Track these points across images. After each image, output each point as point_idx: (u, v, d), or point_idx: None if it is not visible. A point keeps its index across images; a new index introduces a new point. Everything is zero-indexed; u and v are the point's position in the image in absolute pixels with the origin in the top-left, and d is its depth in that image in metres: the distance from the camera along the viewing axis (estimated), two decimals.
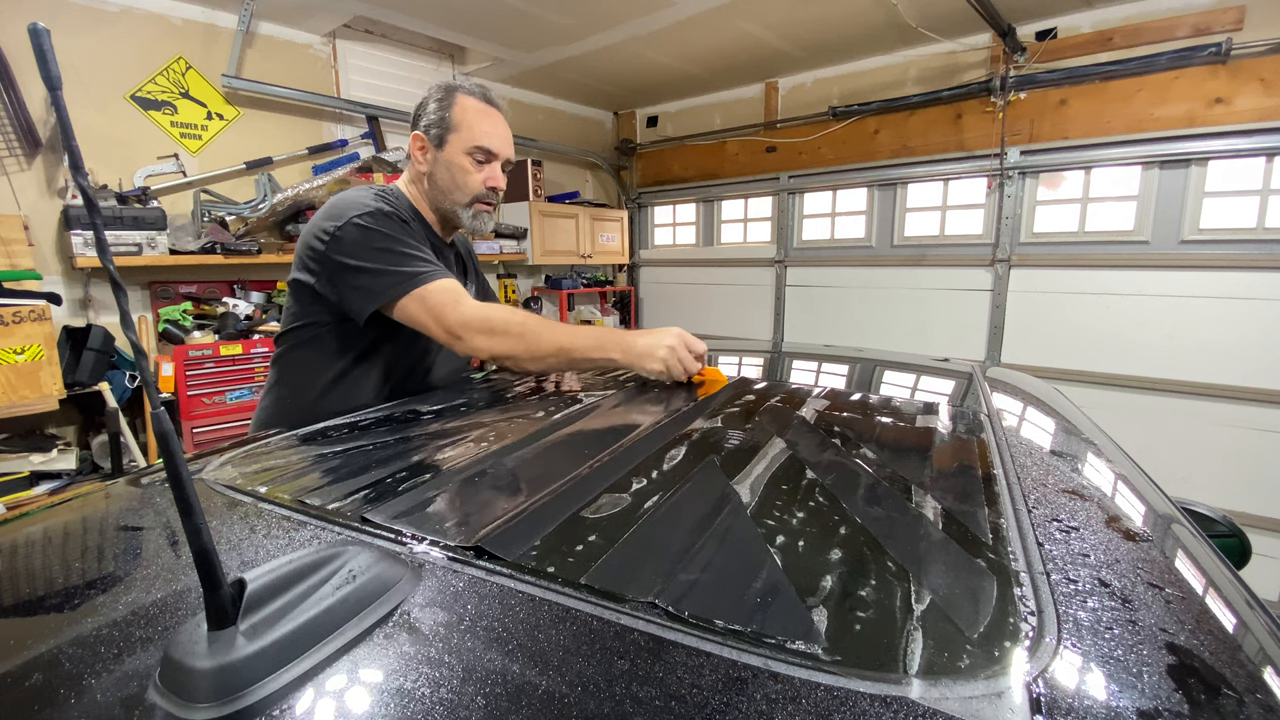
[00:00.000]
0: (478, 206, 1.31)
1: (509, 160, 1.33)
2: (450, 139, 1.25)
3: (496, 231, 4.10)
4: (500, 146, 1.30)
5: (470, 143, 1.25)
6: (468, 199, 1.29)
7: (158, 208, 2.70)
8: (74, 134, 0.33)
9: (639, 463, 0.69)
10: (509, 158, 1.33)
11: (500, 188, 1.32)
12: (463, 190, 1.28)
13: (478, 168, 1.27)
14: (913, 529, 0.54)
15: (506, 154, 1.31)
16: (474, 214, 1.31)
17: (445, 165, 1.27)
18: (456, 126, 1.25)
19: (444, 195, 1.30)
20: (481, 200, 1.30)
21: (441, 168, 1.27)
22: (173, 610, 0.43)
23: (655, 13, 3.17)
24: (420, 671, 0.36)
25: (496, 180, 1.31)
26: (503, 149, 1.30)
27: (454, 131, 1.25)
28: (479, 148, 1.26)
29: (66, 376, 2.35)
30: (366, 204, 1.17)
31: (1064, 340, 3.41)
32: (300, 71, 3.30)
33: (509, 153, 1.32)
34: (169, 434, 0.34)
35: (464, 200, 1.29)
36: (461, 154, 1.26)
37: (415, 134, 1.28)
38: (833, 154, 4.11)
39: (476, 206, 1.31)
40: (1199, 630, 0.42)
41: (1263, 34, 2.76)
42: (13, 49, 2.37)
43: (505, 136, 1.31)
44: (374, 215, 1.16)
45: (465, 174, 1.27)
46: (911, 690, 0.34)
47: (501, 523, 0.54)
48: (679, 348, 1.08)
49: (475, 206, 1.31)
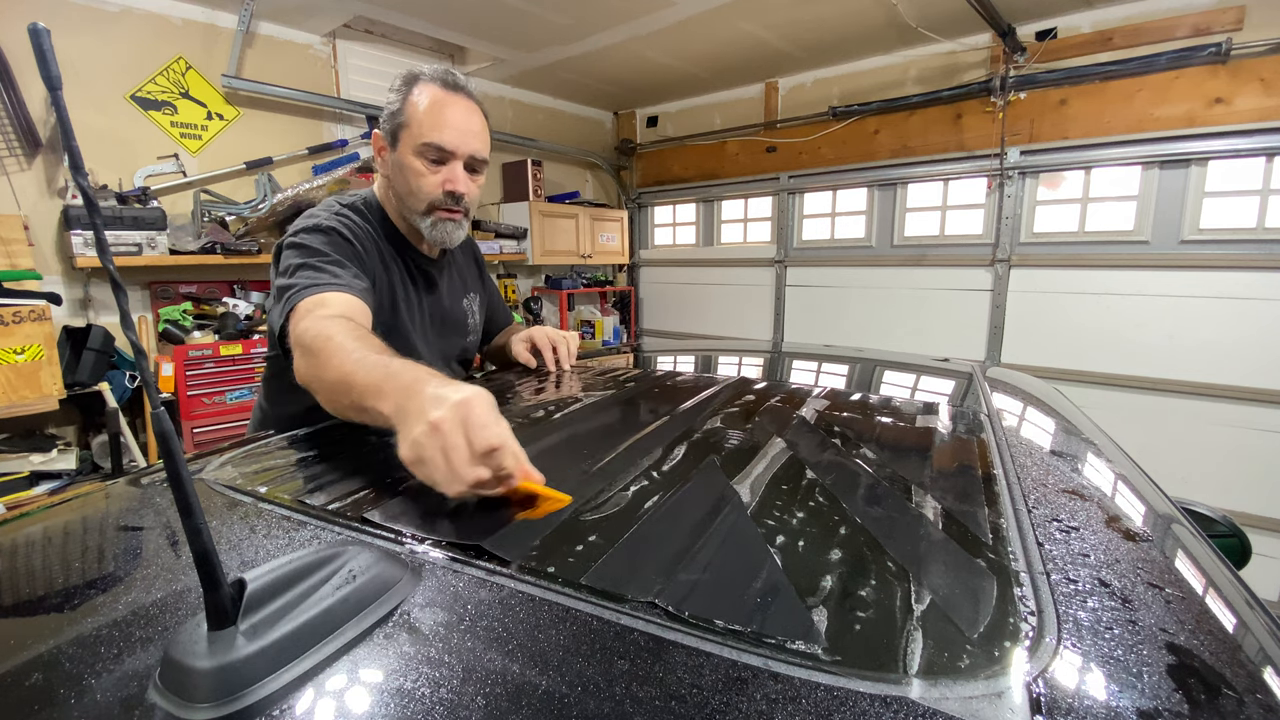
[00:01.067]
0: (437, 215, 1.10)
1: (475, 157, 1.10)
2: (402, 136, 1.06)
3: (496, 231, 4.09)
4: (456, 141, 1.05)
5: (418, 139, 1.04)
6: (423, 206, 1.09)
7: (158, 208, 2.70)
8: (74, 134, 0.33)
9: (639, 463, 0.69)
10: (473, 154, 1.09)
11: (461, 191, 1.08)
12: (416, 196, 1.08)
13: (431, 169, 1.06)
14: (913, 529, 0.54)
15: (466, 150, 1.07)
16: (433, 224, 1.10)
17: (398, 167, 1.08)
18: (408, 120, 1.05)
19: (402, 202, 1.11)
20: (440, 207, 1.09)
21: (396, 170, 1.09)
22: (173, 610, 0.43)
23: (655, 13, 3.17)
24: (420, 671, 0.36)
25: (455, 183, 1.07)
26: (460, 144, 1.06)
27: (405, 127, 1.05)
28: (428, 144, 1.04)
29: (66, 376, 2.35)
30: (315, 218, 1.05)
31: (1064, 340, 3.41)
32: (300, 71, 3.29)
33: (471, 147, 1.08)
34: (169, 434, 0.34)
35: (419, 208, 1.09)
36: (411, 154, 1.05)
37: (375, 131, 1.11)
38: (833, 154, 4.11)
39: (436, 215, 1.10)
40: (1199, 630, 0.42)
41: (1263, 34, 2.76)
42: (13, 49, 2.37)
43: (466, 128, 1.07)
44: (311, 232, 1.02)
45: (418, 177, 1.06)
46: (911, 690, 0.34)
47: (502, 523, 0.54)
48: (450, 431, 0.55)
49: (434, 215, 1.10)
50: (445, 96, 1.05)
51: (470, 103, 1.09)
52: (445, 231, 1.12)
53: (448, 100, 1.06)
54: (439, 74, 1.07)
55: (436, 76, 1.06)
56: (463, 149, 1.07)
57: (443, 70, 1.08)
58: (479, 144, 1.10)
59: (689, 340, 5.06)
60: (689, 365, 1.51)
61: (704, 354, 1.68)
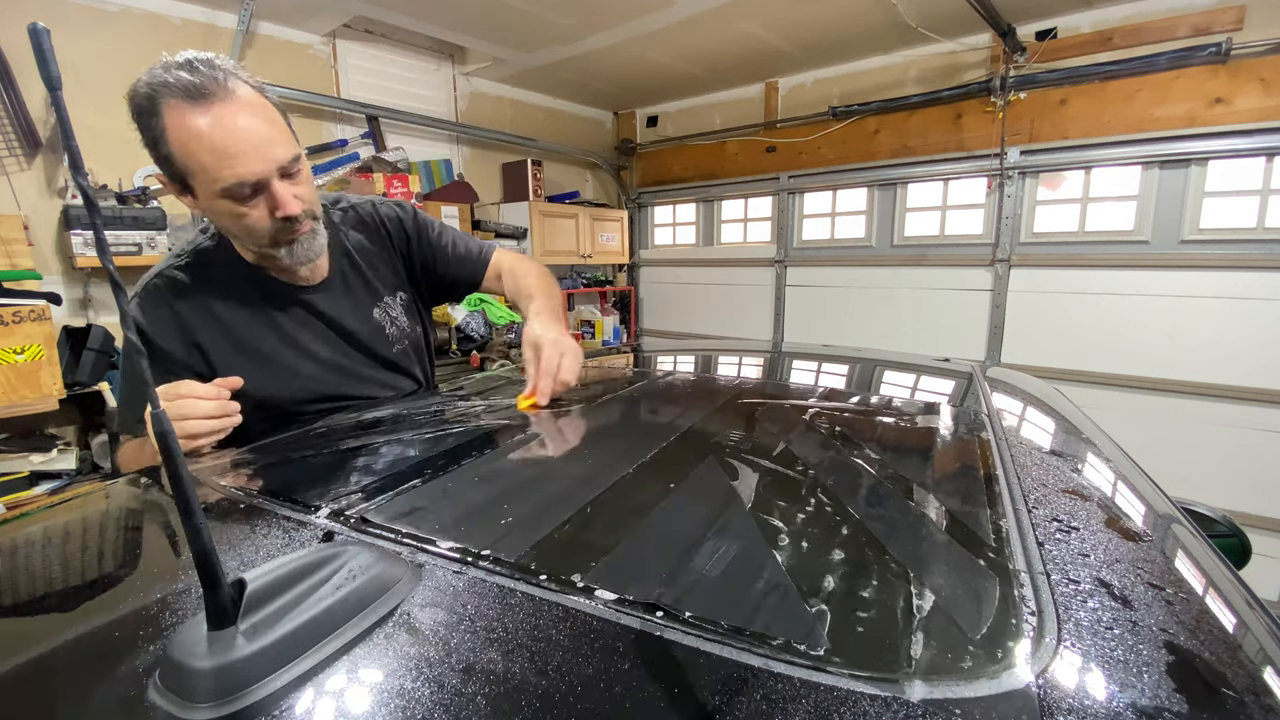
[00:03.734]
0: (284, 241, 0.96)
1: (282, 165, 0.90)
2: (193, 185, 0.88)
3: (496, 231, 4.09)
4: (256, 165, 0.87)
5: (214, 185, 0.87)
6: (265, 241, 0.96)
7: (158, 208, 2.69)
8: (74, 134, 0.33)
9: (639, 463, 0.69)
10: (279, 164, 0.90)
11: (292, 212, 0.92)
12: (252, 237, 0.95)
13: (249, 205, 0.90)
14: (913, 529, 0.54)
15: (272, 166, 0.89)
16: (288, 251, 0.98)
17: (212, 214, 0.93)
18: (187, 168, 0.86)
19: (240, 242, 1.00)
20: (282, 236, 0.95)
21: (213, 216, 0.94)
22: (173, 610, 0.43)
23: (655, 13, 3.17)
24: (420, 671, 0.36)
25: (285, 206, 0.91)
26: (261, 165, 0.87)
27: (191, 175, 0.87)
28: (228, 188, 0.87)
29: (66, 376, 2.35)
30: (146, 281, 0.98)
31: (1064, 340, 3.41)
32: (300, 71, 3.29)
33: (273, 159, 0.89)
34: (169, 434, 0.34)
35: (262, 245, 0.97)
36: (216, 200, 0.88)
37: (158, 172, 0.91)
38: (833, 154, 4.11)
39: (285, 243, 0.97)
40: (1199, 630, 0.42)
41: (1263, 34, 2.76)
42: (13, 49, 2.37)
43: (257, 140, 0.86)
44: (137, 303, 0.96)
45: (239, 219, 0.91)
46: (912, 690, 0.34)
47: (501, 523, 0.54)
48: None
49: (281, 245, 0.97)
50: (208, 115, 0.83)
51: (235, 103, 0.85)
52: (304, 250, 0.99)
53: (214, 119, 0.84)
54: (181, 86, 0.82)
55: (179, 89, 0.82)
56: (266, 167, 0.88)
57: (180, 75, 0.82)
58: (281, 149, 0.90)
59: (689, 340, 5.06)
60: (689, 365, 1.51)
61: (704, 354, 1.68)
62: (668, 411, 0.95)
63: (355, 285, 1.16)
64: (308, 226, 0.98)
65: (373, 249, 1.20)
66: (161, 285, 1.00)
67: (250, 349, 1.03)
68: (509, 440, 0.80)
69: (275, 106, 0.93)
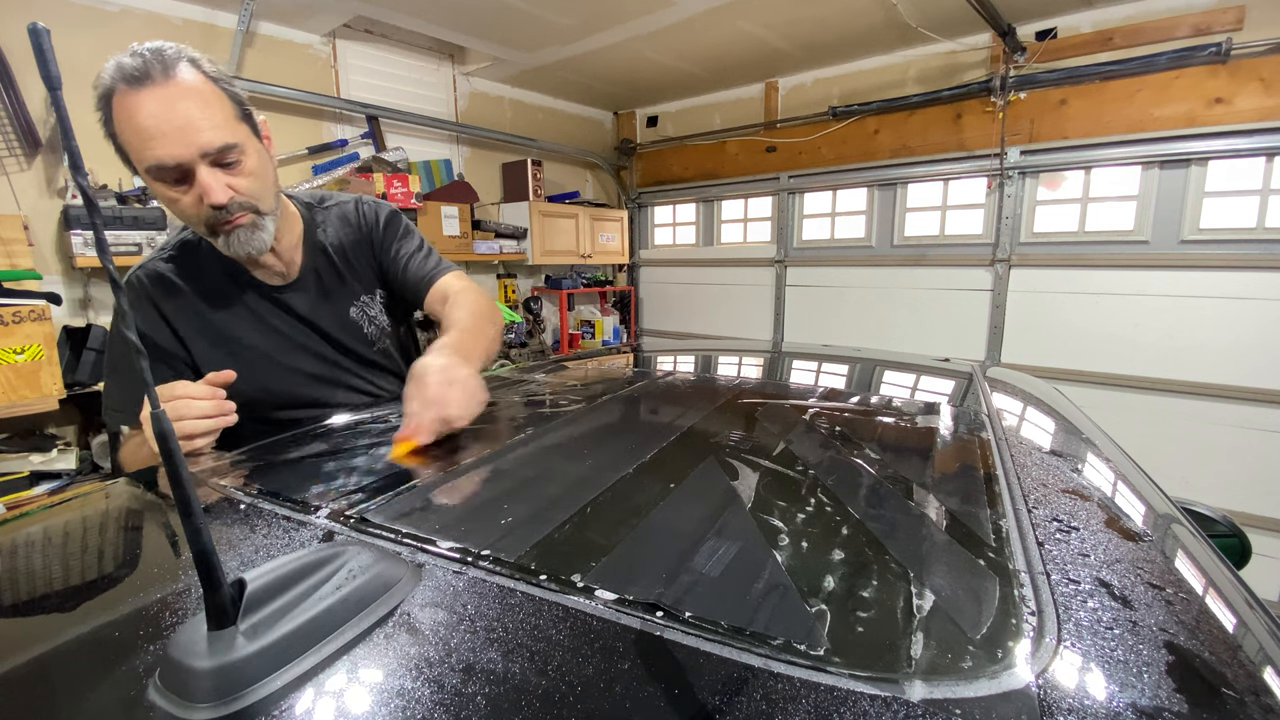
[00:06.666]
0: (221, 230, 0.93)
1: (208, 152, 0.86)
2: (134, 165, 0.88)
3: (496, 231, 4.09)
4: (174, 148, 0.83)
5: (141, 166, 0.86)
6: (203, 229, 0.94)
7: (158, 208, 2.69)
8: (74, 134, 0.33)
9: (639, 463, 0.69)
10: (203, 149, 0.85)
11: (219, 200, 0.89)
12: (190, 223, 0.95)
13: (178, 190, 0.88)
14: (913, 529, 0.54)
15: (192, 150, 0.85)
16: (225, 242, 0.95)
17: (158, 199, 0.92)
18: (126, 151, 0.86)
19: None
20: (216, 224, 0.92)
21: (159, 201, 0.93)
22: (173, 610, 0.43)
23: (655, 13, 3.17)
24: (420, 672, 0.36)
25: (208, 193, 0.87)
26: (179, 149, 0.84)
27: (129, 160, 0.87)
28: (149, 169, 0.85)
29: (66, 376, 2.35)
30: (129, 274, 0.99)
31: (1064, 340, 3.41)
32: (300, 71, 3.29)
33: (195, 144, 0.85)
34: (169, 434, 0.34)
35: (202, 233, 0.96)
36: (152, 183, 0.88)
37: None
38: (833, 154, 4.11)
39: (221, 232, 0.93)
40: (1199, 630, 0.42)
41: (1263, 34, 2.76)
42: (13, 49, 2.37)
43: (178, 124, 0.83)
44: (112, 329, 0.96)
45: (172, 204, 0.90)
46: (912, 690, 0.34)
47: (501, 523, 0.54)
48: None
49: (219, 235, 0.94)
50: (135, 98, 0.82)
51: (171, 87, 0.83)
52: (241, 241, 0.95)
53: (140, 101, 0.82)
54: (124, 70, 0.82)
55: (122, 75, 0.82)
56: (188, 152, 0.84)
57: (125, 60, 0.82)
58: (209, 134, 0.85)
59: (689, 340, 5.06)
60: (689, 365, 1.51)
61: (704, 354, 1.68)
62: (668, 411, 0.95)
63: (330, 283, 1.15)
64: (246, 219, 0.94)
65: (354, 246, 1.19)
66: (144, 277, 1.03)
67: (227, 343, 1.04)
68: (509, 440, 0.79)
69: (229, 95, 0.91)
